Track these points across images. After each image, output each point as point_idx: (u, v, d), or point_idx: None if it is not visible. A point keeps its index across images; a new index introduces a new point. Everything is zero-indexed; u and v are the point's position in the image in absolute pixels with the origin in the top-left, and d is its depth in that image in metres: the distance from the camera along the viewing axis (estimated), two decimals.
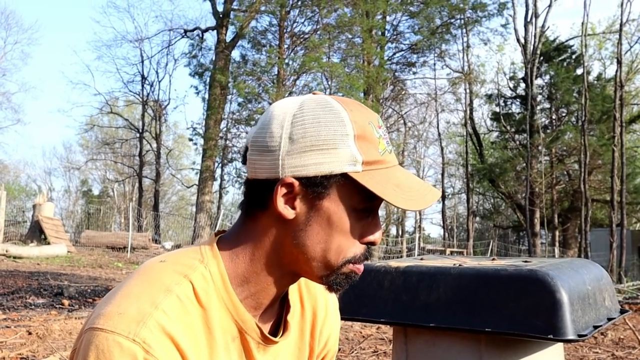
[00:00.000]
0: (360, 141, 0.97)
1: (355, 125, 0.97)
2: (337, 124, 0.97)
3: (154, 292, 0.93)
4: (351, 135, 0.96)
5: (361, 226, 1.00)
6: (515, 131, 29.56)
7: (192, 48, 27.23)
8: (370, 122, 0.99)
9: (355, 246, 1.00)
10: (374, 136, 0.98)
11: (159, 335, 0.89)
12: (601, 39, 30.58)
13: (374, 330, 6.40)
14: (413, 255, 19.49)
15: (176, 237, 27.62)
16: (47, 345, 5.06)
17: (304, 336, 1.15)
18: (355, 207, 0.98)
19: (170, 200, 48.22)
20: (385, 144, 1.00)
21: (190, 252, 1.02)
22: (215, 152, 24.43)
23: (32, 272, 11.62)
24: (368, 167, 0.97)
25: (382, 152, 0.98)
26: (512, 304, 1.66)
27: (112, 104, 36.40)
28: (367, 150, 0.97)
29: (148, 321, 0.89)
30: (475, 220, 38.26)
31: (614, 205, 19.30)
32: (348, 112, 0.98)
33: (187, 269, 0.98)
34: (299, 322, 1.14)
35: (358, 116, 0.98)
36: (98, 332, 0.88)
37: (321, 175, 0.96)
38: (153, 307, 0.91)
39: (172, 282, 0.95)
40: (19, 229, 21.29)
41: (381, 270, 1.92)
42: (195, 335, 0.94)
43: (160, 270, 0.98)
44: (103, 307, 0.92)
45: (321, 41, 22.32)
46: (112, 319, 0.89)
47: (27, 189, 44.68)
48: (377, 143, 0.98)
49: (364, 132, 0.97)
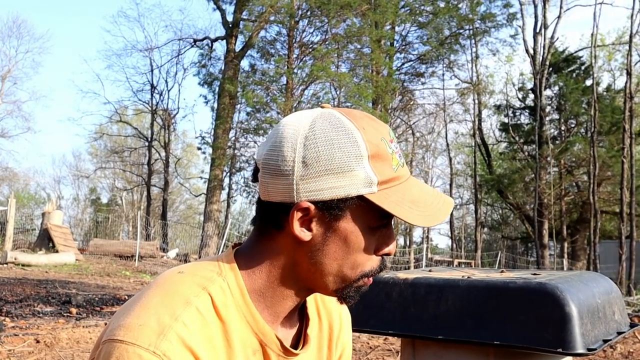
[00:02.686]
0: (375, 161, 0.96)
1: (369, 145, 0.96)
2: (350, 146, 0.96)
3: (173, 304, 0.93)
4: (365, 156, 0.95)
5: (376, 239, 1.00)
6: (524, 142, 29.50)
7: (201, 57, 27.37)
8: (382, 139, 0.98)
9: (372, 260, 1.01)
10: (387, 153, 0.98)
11: (179, 348, 0.88)
12: (611, 50, 30.52)
13: (382, 342, 6.38)
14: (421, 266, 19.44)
15: (184, 245, 27.65)
16: (54, 354, 5.07)
17: (322, 349, 1.15)
18: (371, 225, 0.98)
19: (179, 209, 48.31)
20: (398, 158, 1.00)
21: (209, 265, 1.02)
22: (224, 161, 24.47)
23: (40, 280, 11.65)
24: (383, 186, 0.97)
25: (395, 168, 0.98)
26: (521, 317, 1.65)
27: (121, 113, 36.56)
28: (382, 169, 0.97)
29: (168, 333, 0.89)
30: (484, 231, 38.14)
31: (623, 217, 19.19)
32: (361, 130, 0.97)
33: (205, 282, 0.97)
34: (317, 335, 1.14)
35: (371, 134, 0.97)
36: (118, 343, 0.88)
37: (337, 198, 0.96)
38: (173, 319, 0.90)
39: (191, 294, 0.95)
40: (28, 237, 21.38)
41: (389, 281, 1.92)
42: (214, 348, 0.94)
43: (179, 282, 0.97)
44: (122, 318, 0.92)
45: (330, 51, 22.37)
46: (133, 330, 0.89)
47: (37, 197, 44.89)
48: (390, 160, 0.98)
49: (378, 150, 0.97)
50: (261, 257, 1.01)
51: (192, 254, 22.25)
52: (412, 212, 0.97)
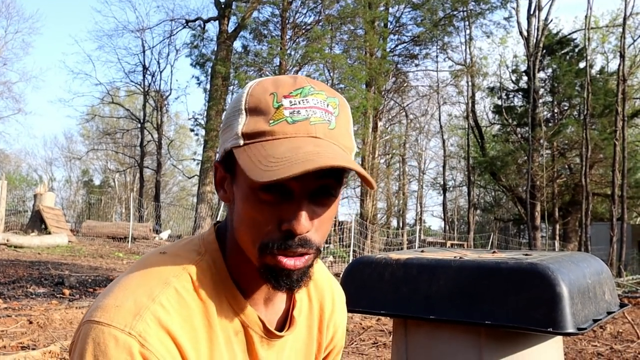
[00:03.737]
0: (251, 115, 0.91)
1: (249, 99, 0.92)
2: (236, 102, 0.94)
3: (151, 285, 0.92)
4: (243, 109, 0.92)
5: (270, 206, 0.89)
6: (517, 124, 29.50)
7: (193, 38, 27.20)
8: (273, 93, 0.91)
9: (271, 231, 0.90)
10: (269, 107, 0.90)
11: (155, 329, 0.88)
12: (604, 33, 30.47)
13: (374, 322, 6.42)
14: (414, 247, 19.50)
15: (177, 227, 27.64)
16: (47, 335, 5.08)
17: (312, 331, 1.14)
18: (252, 185, 0.89)
19: (172, 191, 48.24)
20: (288, 114, 0.89)
21: (190, 245, 1.01)
22: (217, 142, 24.40)
23: (33, 262, 11.64)
24: (250, 140, 0.90)
25: (275, 122, 0.89)
26: (512, 297, 1.66)
27: (113, 94, 36.37)
28: (254, 123, 0.90)
29: (144, 314, 0.88)
30: (476, 213, 38.27)
31: (614, 199, 19.28)
32: (255, 85, 0.94)
33: (186, 262, 0.96)
34: (307, 317, 1.12)
35: (261, 88, 0.92)
36: (95, 325, 0.88)
37: (224, 154, 0.94)
38: (150, 300, 0.90)
39: (171, 275, 0.94)
40: (20, 219, 21.32)
41: (382, 262, 1.92)
42: (193, 328, 0.93)
43: (159, 262, 0.96)
44: (101, 299, 0.92)
45: (323, 32, 22.24)
46: (109, 311, 0.88)
47: (28, 179, 44.66)
48: (271, 113, 0.90)
49: (258, 104, 0.91)
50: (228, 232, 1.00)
51: (185, 236, 22.22)
52: (255, 166, 0.85)
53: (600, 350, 5.22)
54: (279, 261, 0.90)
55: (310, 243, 0.90)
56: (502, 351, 1.72)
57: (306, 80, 0.94)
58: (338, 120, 0.93)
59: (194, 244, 1.01)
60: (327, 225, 0.95)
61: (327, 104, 0.92)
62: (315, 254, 0.93)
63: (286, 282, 0.92)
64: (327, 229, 0.95)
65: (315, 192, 0.90)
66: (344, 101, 0.97)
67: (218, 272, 0.97)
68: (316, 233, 0.92)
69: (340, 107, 0.94)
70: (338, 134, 0.92)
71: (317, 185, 0.89)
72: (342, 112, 0.94)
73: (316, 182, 0.89)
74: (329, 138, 0.91)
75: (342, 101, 0.96)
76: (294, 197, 0.89)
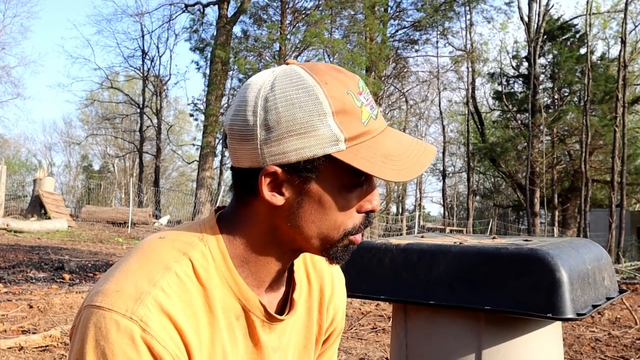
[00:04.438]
0: (341, 116, 0.92)
1: (333, 101, 0.91)
2: (312, 104, 0.91)
3: (152, 270, 0.92)
4: (329, 112, 0.91)
5: (356, 197, 0.97)
6: (517, 110, 29.46)
7: (193, 23, 27.05)
8: (349, 92, 0.93)
9: (354, 217, 0.98)
10: (355, 107, 0.93)
11: (156, 314, 0.88)
12: (606, 18, 30.32)
13: (373, 307, 6.44)
14: (413, 233, 19.54)
15: (177, 212, 27.67)
16: (48, 319, 5.10)
17: (312, 314, 1.14)
18: (345, 184, 0.94)
19: (171, 176, 48.25)
20: (369, 111, 0.95)
21: (191, 230, 1.01)
22: (216, 128, 24.37)
23: (32, 247, 11.66)
24: (352, 142, 0.92)
25: (366, 122, 0.93)
26: (512, 282, 1.66)
27: (112, 79, 36.29)
28: (349, 124, 0.92)
29: (146, 299, 0.88)
30: (476, 199, 38.33)
31: (614, 185, 19.31)
32: (323, 86, 0.92)
33: (186, 247, 0.96)
34: (306, 299, 1.13)
35: (335, 88, 0.93)
36: (95, 309, 0.87)
37: (304, 160, 0.92)
38: (151, 285, 0.90)
39: (171, 260, 0.94)
40: (20, 204, 21.35)
41: (382, 247, 1.92)
42: (194, 313, 0.93)
43: (160, 247, 0.96)
44: (102, 284, 0.92)
45: (323, 17, 22.15)
46: (110, 296, 0.88)
47: (28, 164, 44.65)
48: (359, 113, 0.93)
49: (344, 105, 0.92)
50: (241, 223, 0.99)
51: (185, 221, 22.28)
52: (384, 168, 0.92)
53: (599, 336, 5.24)
54: (355, 240, 1.00)
55: None
56: (502, 336, 1.72)
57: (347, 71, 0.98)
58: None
59: (194, 229, 1.00)
60: None
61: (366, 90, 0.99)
62: None
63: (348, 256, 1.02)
64: None
65: None
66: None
67: (219, 257, 0.97)
68: None
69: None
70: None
71: None
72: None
73: None
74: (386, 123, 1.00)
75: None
76: (369, 182, 0.98)
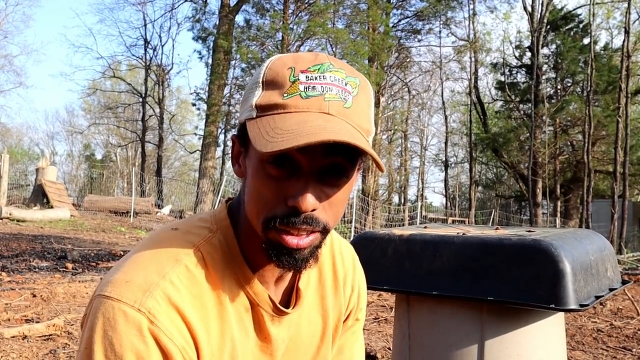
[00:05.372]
0: (267, 87, 0.90)
1: (268, 72, 0.91)
2: (255, 75, 0.93)
3: (162, 262, 0.92)
4: (260, 82, 0.91)
5: (282, 184, 0.88)
6: (520, 101, 29.35)
7: (195, 12, 27.00)
8: (292, 67, 0.90)
9: (276, 205, 0.88)
10: (285, 81, 0.89)
11: (165, 306, 0.88)
12: (609, 8, 30.14)
13: (375, 298, 6.45)
14: (415, 223, 19.54)
15: (179, 202, 27.69)
16: (51, 308, 5.11)
17: (326, 300, 1.12)
18: (261, 158, 0.88)
19: (173, 166, 48.24)
20: (302, 89, 0.88)
21: (202, 221, 1.01)
22: (219, 117, 24.34)
23: (35, 236, 11.69)
24: (262, 112, 0.89)
25: (288, 96, 0.88)
26: (515, 273, 1.66)
27: (114, 68, 36.19)
28: (269, 96, 0.89)
29: (154, 291, 0.88)
30: (478, 189, 38.30)
31: (616, 176, 19.27)
32: (275, 59, 0.93)
33: (197, 239, 0.96)
34: (317, 287, 1.11)
35: (279, 63, 0.91)
36: (105, 299, 0.88)
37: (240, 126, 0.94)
38: (160, 277, 0.90)
39: (182, 252, 0.94)
40: (22, 193, 21.36)
41: (385, 238, 1.93)
42: (204, 306, 0.93)
43: (171, 238, 0.96)
44: (113, 274, 0.92)
45: (326, 6, 22.06)
46: (120, 286, 0.89)
47: (30, 153, 44.66)
48: (285, 87, 0.89)
49: (275, 77, 0.90)
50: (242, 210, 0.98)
51: (187, 211, 22.30)
52: (261, 137, 0.85)
53: (601, 327, 5.25)
54: (282, 238, 0.89)
55: (316, 221, 0.89)
56: (504, 327, 1.73)
57: (327, 58, 0.93)
58: (356, 100, 0.91)
59: (205, 220, 1.00)
60: (338, 207, 0.93)
61: (345, 83, 0.91)
62: (321, 233, 0.92)
63: (289, 260, 0.91)
64: (338, 211, 0.93)
65: (324, 171, 0.88)
66: (367, 83, 0.95)
67: (229, 250, 0.97)
68: (324, 213, 0.90)
69: (360, 88, 0.93)
70: (353, 114, 0.90)
71: (326, 162, 0.88)
72: (362, 93, 0.93)
73: (325, 159, 0.87)
74: (342, 116, 0.89)
75: (364, 82, 0.95)
76: (302, 173, 0.87)
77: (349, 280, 1.18)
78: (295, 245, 0.89)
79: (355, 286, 1.20)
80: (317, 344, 1.12)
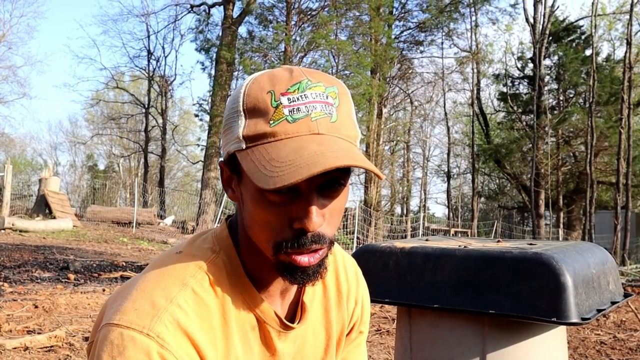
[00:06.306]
0: (251, 116, 0.89)
1: (246, 99, 0.90)
2: (234, 101, 0.92)
3: (169, 286, 0.93)
4: (241, 110, 0.90)
5: (285, 209, 0.89)
6: (522, 112, 29.36)
7: (198, 23, 27.06)
8: (270, 91, 0.89)
9: (283, 230, 0.89)
10: (267, 107, 0.88)
11: (173, 330, 0.88)
12: (611, 20, 30.22)
13: (377, 309, 6.44)
14: (417, 234, 19.53)
15: (181, 213, 27.69)
16: (53, 319, 5.11)
17: (330, 312, 1.13)
18: (259, 188, 0.86)
19: (176, 176, 48.30)
20: (287, 113, 0.87)
21: (205, 242, 1.01)
22: (221, 128, 24.31)
23: (38, 246, 11.69)
24: (251, 143, 0.89)
25: (275, 123, 0.87)
26: (516, 286, 1.66)
27: (118, 79, 36.33)
28: (255, 125, 0.88)
29: (163, 316, 0.89)
30: (480, 200, 38.24)
31: (619, 187, 19.25)
32: (249, 84, 0.91)
33: (202, 260, 0.97)
34: (321, 300, 1.12)
35: (257, 87, 0.90)
36: (113, 327, 0.88)
37: (229, 156, 0.93)
38: (168, 302, 0.90)
39: (188, 275, 0.94)
40: (25, 203, 21.39)
41: (386, 250, 1.93)
42: (211, 328, 0.93)
43: (176, 262, 0.97)
44: (120, 302, 0.92)
45: (330, 17, 22.14)
46: (128, 314, 0.89)
47: (33, 163, 44.72)
48: (270, 114, 0.88)
49: (256, 104, 0.89)
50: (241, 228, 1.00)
51: (190, 221, 22.30)
52: (259, 172, 0.85)
53: (604, 339, 5.23)
54: (293, 259, 0.90)
55: (323, 238, 0.90)
56: (506, 340, 1.72)
57: (302, 73, 0.92)
58: (339, 110, 0.91)
59: (208, 241, 1.01)
60: (339, 215, 0.94)
61: (326, 96, 0.90)
62: (328, 247, 0.93)
63: (302, 277, 0.92)
64: (339, 219, 0.94)
65: (323, 186, 0.89)
66: (343, 87, 0.95)
67: (233, 269, 0.98)
68: (328, 226, 0.91)
69: (340, 96, 0.92)
70: (340, 126, 0.90)
71: (324, 180, 0.89)
72: (342, 101, 0.92)
73: (323, 177, 0.88)
74: (331, 132, 0.89)
75: (342, 88, 0.94)
76: (303, 195, 0.88)
77: (353, 293, 1.19)
78: (307, 263, 0.90)
79: (359, 300, 1.21)
80: (321, 356, 1.12)
